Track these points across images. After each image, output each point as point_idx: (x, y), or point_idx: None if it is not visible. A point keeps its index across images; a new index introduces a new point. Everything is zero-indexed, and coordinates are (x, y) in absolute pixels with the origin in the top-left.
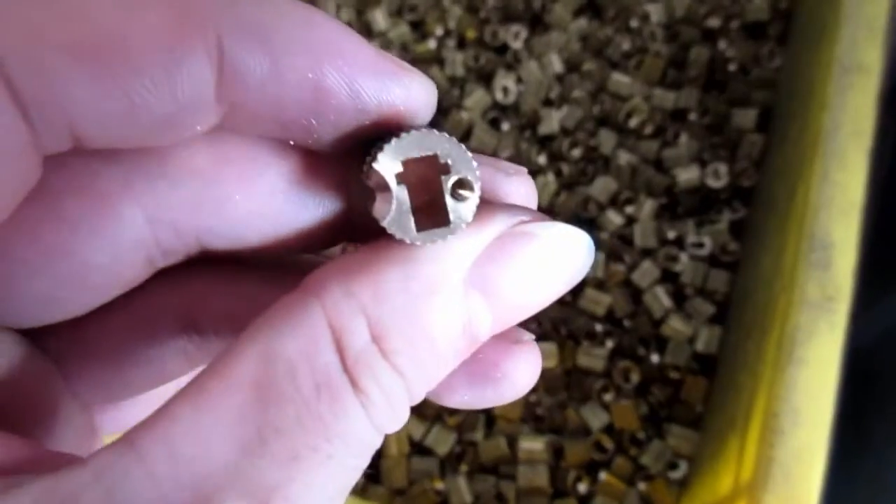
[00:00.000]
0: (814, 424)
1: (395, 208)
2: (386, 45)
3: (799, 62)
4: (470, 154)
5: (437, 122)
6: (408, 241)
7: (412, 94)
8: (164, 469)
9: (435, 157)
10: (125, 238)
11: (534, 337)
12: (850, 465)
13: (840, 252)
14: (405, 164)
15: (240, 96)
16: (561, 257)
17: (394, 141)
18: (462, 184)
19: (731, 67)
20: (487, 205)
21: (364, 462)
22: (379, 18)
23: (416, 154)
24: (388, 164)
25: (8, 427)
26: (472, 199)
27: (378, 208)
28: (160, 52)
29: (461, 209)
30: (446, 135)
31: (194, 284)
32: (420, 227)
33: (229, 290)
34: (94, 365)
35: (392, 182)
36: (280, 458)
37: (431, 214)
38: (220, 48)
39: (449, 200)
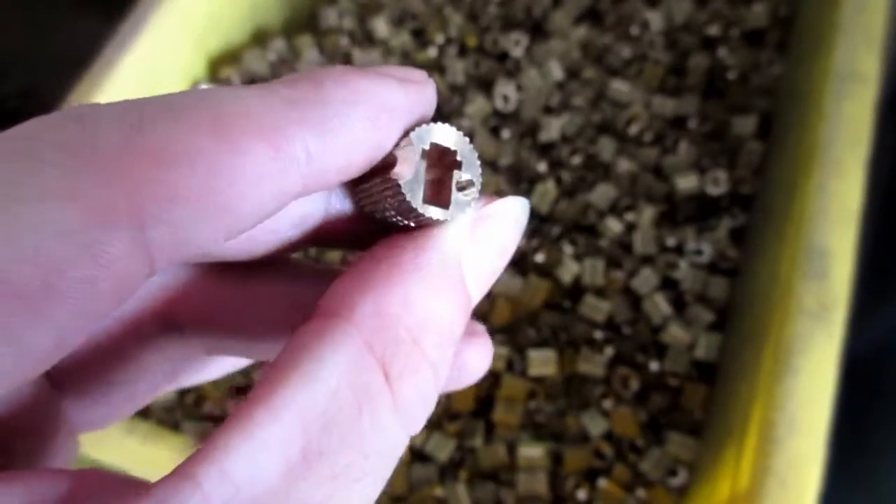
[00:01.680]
0: (810, 434)
1: (413, 174)
2: (387, 52)
3: (798, 70)
4: (479, 161)
5: None
6: (413, 206)
7: (429, 108)
8: (220, 494)
9: (454, 152)
10: None
11: (485, 328)
12: (847, 474)
13: (837, 261)
14: (431, 145)
15: (321, 183)
16: (515, 226)
17: (429, 125)
18: (465, 182)
19: (731, 75)
20: None
21: (392, 468)
22: (380, 26)
23: (440, 142)
24: (418, 139)
25: (8, 457)
26: (472, 193)
27: (400, 171)
28: (260, 181)
29: (461, 199)
30: (467, 137)
31: (174, 283)
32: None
33: (208, 287)
34: (78, 369)
35: (418, 152)
36: (321, 478)
37: (435, 198)
38: (310, 159)
39: (454, 191)
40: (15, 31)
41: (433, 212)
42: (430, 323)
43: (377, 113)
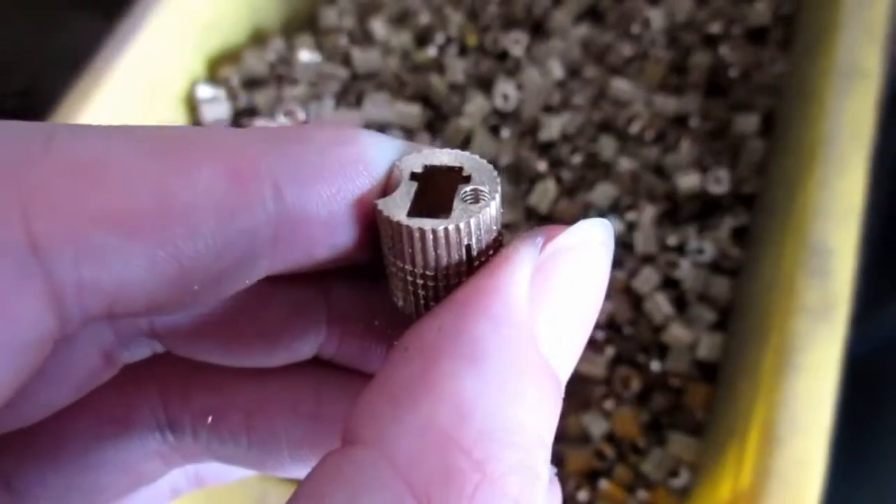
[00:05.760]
0: (812, 433)
1: (395, 194)
2: (387, 52)
3: (800, 67)
4: (496, 172)
5: (437, 129)
6: (393, 220)
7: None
8: None
9: (460, 169)
10: (81, 335)
11: (556, 471)
12: (850, 474)
13: (839, 259)
14: (428, 168)
15: (296, 241)
16: (600, 253)
17: (425, 149)
18: (478, 195)
19: (733, 73)
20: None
21: None
22: (380, 26)
23: (440, 162)
24: (409, 163)
25: None
26: (484, 197)
27: (381, 199)
28: (215, 212)
29: (468, 207)
30: (477, 156)
31: (167, 379)
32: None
33: (206, 383)
34: (54, 473)
35: (406, 175)
36: None
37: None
38: (279, 196)
39: (458, 204)
40: (15, 31)
41: (427, 223)
42: (501, 433)
43: (366, 149)
